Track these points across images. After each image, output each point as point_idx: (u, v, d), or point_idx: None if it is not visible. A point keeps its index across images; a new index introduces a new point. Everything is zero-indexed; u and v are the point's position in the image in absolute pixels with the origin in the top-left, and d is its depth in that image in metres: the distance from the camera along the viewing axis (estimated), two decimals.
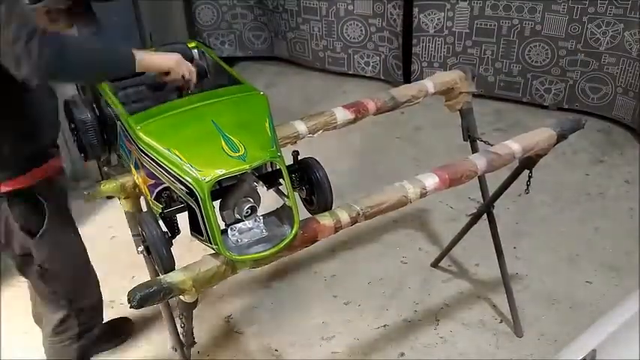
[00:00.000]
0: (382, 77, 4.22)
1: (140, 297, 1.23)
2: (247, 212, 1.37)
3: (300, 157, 1.55)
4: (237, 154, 1.31)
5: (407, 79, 4.04)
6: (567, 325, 2.29)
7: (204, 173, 1.28)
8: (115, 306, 2.47)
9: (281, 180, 1.44)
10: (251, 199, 1.39)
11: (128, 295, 1.24)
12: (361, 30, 4.09)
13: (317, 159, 1.53)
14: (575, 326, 2.25)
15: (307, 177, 1.52)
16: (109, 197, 1.93)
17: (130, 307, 1.25)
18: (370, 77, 4.27)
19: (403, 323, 2.36)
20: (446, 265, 2.63)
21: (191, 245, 1.45)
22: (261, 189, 1.45)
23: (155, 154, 1.35)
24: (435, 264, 2.62)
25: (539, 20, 3.53)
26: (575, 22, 3.43)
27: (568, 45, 3.52)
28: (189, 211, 1.36)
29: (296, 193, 1.49)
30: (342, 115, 1.79)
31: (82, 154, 1.68)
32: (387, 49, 4.09)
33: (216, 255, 1.35)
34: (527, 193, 1.92)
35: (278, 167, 1.41)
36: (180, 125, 1.41)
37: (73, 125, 1.65)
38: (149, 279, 1.41)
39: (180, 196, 1.36)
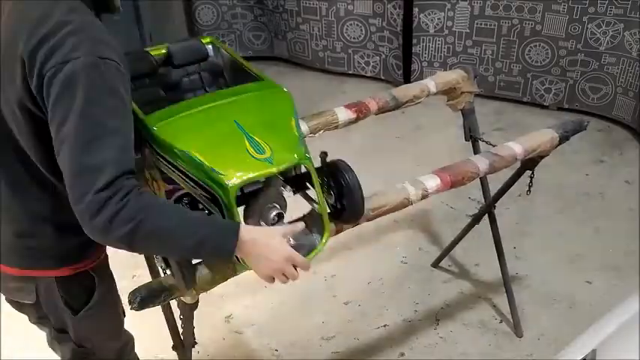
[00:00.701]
0: (382, 77, 4.22)
1: (141, 299, 1.23)
2: (274, 220, 1.26)
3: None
4: (263, 157, 1.21)
5: (407, 78, 4.04)
6: (567, 325, 2.29)
7: (228, 177, 1.17)
8: None
9: (308, 183, 1.34)
10: (277, 206, 1.28)
11: (129, 297, 1.24)
12: (361, 30, 4.09)
13: (346, 161, 1.40)
14: (575, 326, 2.24)
15: (336, 181, 1.37)
16: None
17: (131, 309, 1.25)
18: (370, 77, 4.27)
19: (403, 323, 2.36)
20: (446, 265, 2.63)
21: None
22: (288, 193, 1.35)
23: (173, 157, 1.24)
24: (436, 264, 2.62)
25: (540, 20, 3.53)
26: (576, 22, 3.43)
27: (568, 45, 3.52)
28: None
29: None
30: (343, 115, 1.79)
31: None
32: (387, 49, 4.09)
33: None
34: (529, 194, 1.92)
35: (306, 170, 1.30)
36: (199, 125, 1.29)
37: None
38: (149, 279, 1.41)
39: (201, 203, 1.26)
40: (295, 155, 1.25)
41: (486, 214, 2.20)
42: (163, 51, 1.61)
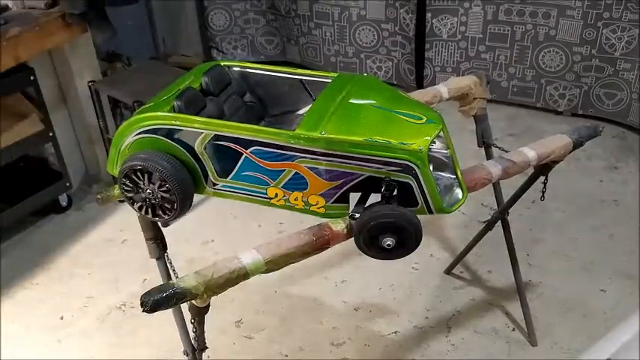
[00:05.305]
0: (395, 82, 4.21)
1: (153, 302, 1.23)
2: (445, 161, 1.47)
3: None
4: (424, 121, 1.40)
5: (419, 84, 4.03)
6: (581, 333, 2.26)
7: (417, 144, 1.34)
8: (126, 309, 2.48)
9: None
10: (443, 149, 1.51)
11: (141, 300, 1.25)
12: (373, 35, 4.09)
13: None
14: (589, 335, 2.22)
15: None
16: (122, 201, 1.92)
17: (143, 311, 1.25)
18: None
19: (414, 330, 2.35)
20: (457, 271, 2.61)
21: (201, 250, 1.45)
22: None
23: (351, 148, 1.35)
24: (448, 271, 2.60)
25: (554, 25, 3.50)
26: (590, 28, 3.40)
27: (583, 50, 3.50)
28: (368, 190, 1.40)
29: None
30: None
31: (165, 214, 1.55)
32: (399, 54, 4.08)
33: (228, 260, 1.35)
34: (543, 200, 1.90)
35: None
36: (353, 117, 1.42)
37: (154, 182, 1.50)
38: (160, 282, 1.41)
39: (384, 181, 1.36)
40: (437, 114, 1.45)
41: (499, 221, 2.18)
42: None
